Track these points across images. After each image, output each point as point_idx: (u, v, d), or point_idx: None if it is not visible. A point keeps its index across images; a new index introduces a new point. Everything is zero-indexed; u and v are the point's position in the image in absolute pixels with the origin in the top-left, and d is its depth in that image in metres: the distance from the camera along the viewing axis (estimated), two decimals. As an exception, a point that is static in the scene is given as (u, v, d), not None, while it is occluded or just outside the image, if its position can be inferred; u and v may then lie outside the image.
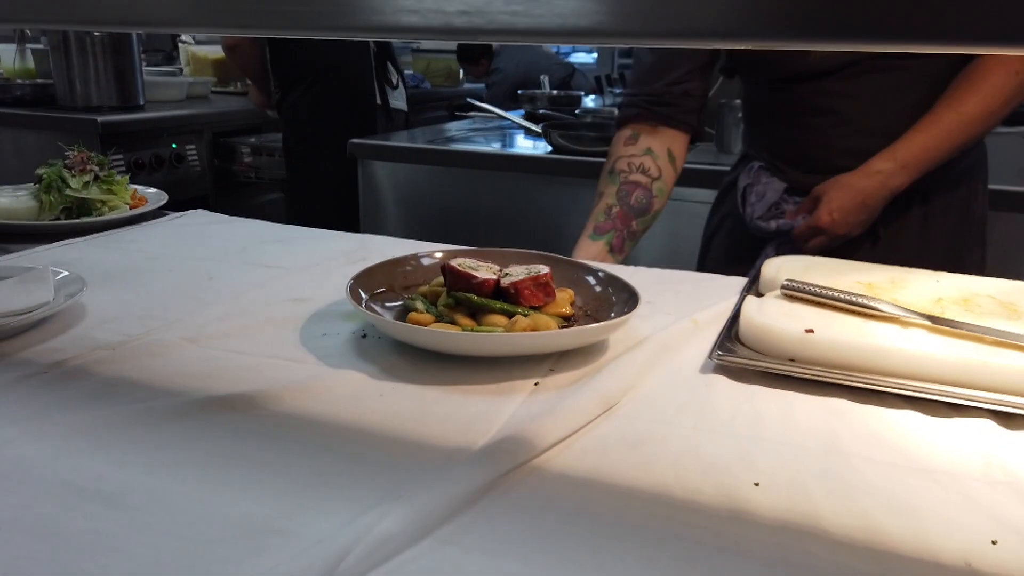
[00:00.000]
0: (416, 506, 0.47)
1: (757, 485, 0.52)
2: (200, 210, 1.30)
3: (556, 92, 3.34)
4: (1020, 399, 0.62)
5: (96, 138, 2.46)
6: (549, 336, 0.70)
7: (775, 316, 0.73)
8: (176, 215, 1.26)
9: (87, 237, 1.11)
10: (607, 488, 0.52)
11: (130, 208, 1.22)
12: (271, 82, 2.72)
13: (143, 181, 1.91)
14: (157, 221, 1.22)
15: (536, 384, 0.67)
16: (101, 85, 2.67)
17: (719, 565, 0.45)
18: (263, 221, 1.24)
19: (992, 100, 1.06)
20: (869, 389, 0.66)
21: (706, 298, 0.89)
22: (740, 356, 0.70)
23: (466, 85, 5.07)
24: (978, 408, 0.63)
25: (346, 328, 0.78)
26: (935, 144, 1.08)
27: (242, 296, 0.87)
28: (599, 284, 0.83)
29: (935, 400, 0.64)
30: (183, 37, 3.89)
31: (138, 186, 1.31)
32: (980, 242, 1.23)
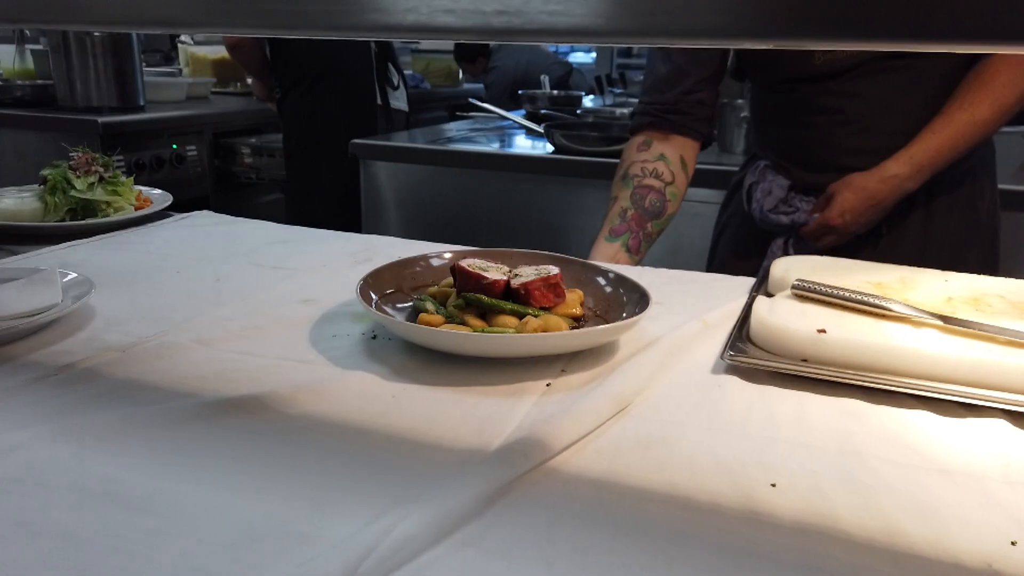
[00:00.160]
0: (434, 508, 0.47)
1: (774, 486, 0.52)
2: (206, 211, 1.29)
3: (556, 92, 3.35)
4: (1034, 399, 0.62)
5: (97, 139, 2.45)
6: (561, 337, 0.70)
7: (787, 316, 0.72)
8: (181, 216, 1.26)
9: (93, 238, 1.11)
10: (623, 489, 0.52)
11: (135, 209, 1.22)
12: (273, 77, 2.73)
13: (144, 182, 1.91)
14: (163, 222, 1.22)
15: (548, 385, 0.67)
16: (101, 86, 2.67)
17: (740, 566, 0.44)
18: (269, 222, 1.23)
19: (1004, 99, 1.06)
20: (883, 389, 0.66)
21: (715, 298, 0.89)
22: (752, 356, 0.70)
23: (466, 85, 5.07)
24: (992, 408, 0.63)
25: (355, 329, 0.78)
26: (949, 146, 1.08)
27: (250, 297, 0.87)
28: (609, 285, 0.83)
29: (949, 400, 0.64)
30: (182, 37, 3.88)
31: (143, 187, 1.31)
32: (987, 240, 1.23)
